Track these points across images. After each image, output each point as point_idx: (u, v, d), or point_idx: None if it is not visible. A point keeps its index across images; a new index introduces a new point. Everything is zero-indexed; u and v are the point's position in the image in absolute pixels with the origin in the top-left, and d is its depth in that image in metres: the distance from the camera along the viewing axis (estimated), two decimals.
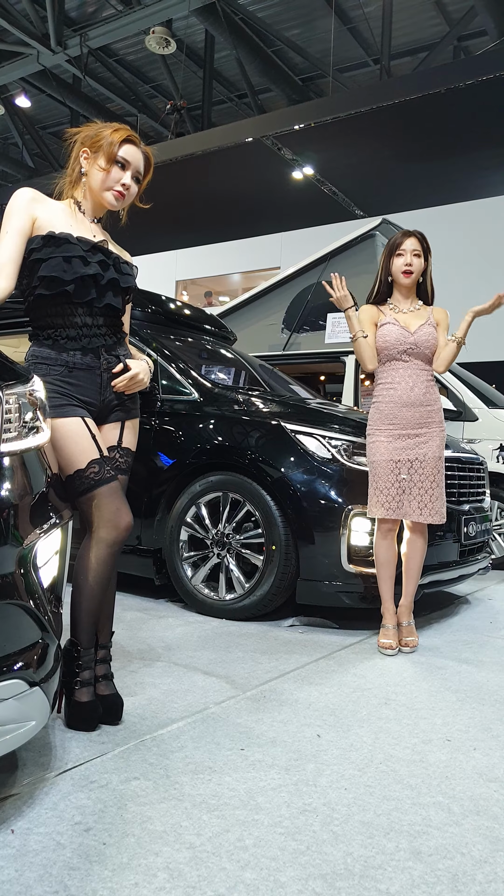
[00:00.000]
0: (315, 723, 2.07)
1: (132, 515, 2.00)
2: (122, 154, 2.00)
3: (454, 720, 2.16)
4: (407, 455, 2.95)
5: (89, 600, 1.95)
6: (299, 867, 1.34)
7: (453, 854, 1.41)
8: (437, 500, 2.94)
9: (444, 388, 5.81)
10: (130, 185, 2.04)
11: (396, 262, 3.04)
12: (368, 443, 3.04)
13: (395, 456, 2.95)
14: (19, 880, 1.25)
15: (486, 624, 3.52)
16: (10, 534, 1.40)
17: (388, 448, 2.96)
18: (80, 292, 1.95)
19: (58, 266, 1.91)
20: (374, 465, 2.98)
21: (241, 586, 3.27)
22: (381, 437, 2.98)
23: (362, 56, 10.52)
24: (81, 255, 1.94)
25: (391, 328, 3.01)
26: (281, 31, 10.10)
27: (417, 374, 3.02)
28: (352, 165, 11.10)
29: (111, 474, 1.96)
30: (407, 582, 3.03)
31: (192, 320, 4.67)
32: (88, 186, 2.03)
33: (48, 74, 10.64)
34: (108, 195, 2.02)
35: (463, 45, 9.96)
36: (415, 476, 2.94)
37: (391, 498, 2.93)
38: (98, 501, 1.92)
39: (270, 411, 3.48)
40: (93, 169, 2.01)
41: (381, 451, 2.97)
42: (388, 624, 2.97)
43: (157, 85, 12.18)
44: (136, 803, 1.54)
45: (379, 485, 2.95)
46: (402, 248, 3.02)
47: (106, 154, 1.98)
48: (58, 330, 1.97)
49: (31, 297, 1.98)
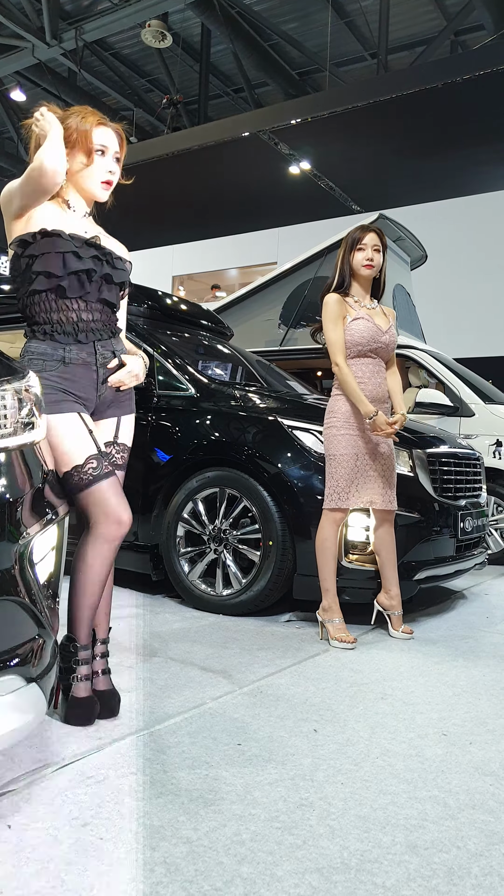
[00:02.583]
0: (312, 718, 2.07)
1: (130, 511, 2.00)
2: (99, 142, 1.97)
3: (450, 715, 2.17)
4: (366, 449, 3.00)
5: (88, 596, 1.95)
6: (296, 861, 1.34)
7: (449, 848, 1.42)
8: (394, 488, 3.07)
9: (440, 384, 5.81)
10: (114, 169, 2.03)
11: (357, 256, 3.06)
12: (334, 435, 3.01)
13: (358, 450, 2.99)
14: (17, 875, 1.25)
15: (483, 619, 3.53)
16: (5, 530, 1.40)
17: (354, 442, 2.99)
18: (74, 287, 1.95)
19: (51, 261, 1.90)
20: (338, 457, 2.98)
21: (237, 582, 3.28)
22: (349, 430, 2.99)
23: (359, 50, 10.50)
24: (74, 250, 1.93)
25: (365, 323, 3.03)
26: (278, 24, 10.06)
27: (381, 371, 3.11)
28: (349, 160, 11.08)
29: (109, 469, 1.96)
30: (393, 570, 3.07)
31: (189, 316, 4.66)
32: (74, 183, 2.02)
33: (43, 68, 10.58)
34: (96, 189, 2.02)
35: (460, 40, 9.94)
36: (377, 466, 3.01)
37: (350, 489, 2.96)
38: (97, 497, 1.92)
39: (267, 407, 3.47)
40: (74, 166, 1.98)
41: (349, 444, 2.98)
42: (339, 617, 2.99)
43: (153, 79, 12.13)
44: (133, 798, 1.54)
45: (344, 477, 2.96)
46: (364, 243, 3.05)
47: (83, 148, 1.96)
48: (53, 325, 1.96)
49: (25, 293, 1.97)
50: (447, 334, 9.91)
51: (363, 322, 3.03)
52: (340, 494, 2.96)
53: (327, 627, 2.94)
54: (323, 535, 2.98)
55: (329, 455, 3.02)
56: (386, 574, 3.09)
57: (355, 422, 3.00)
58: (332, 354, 3.03)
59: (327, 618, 2.97)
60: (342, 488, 2.96)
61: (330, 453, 3.02)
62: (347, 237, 3.10)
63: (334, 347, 3.02)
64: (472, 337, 10.78)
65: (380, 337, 3.06)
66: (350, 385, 2.97)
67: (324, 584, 2.99)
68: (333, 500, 2.96)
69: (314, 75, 11.17)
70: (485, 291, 11.07)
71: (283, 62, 10.68)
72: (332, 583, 2.99)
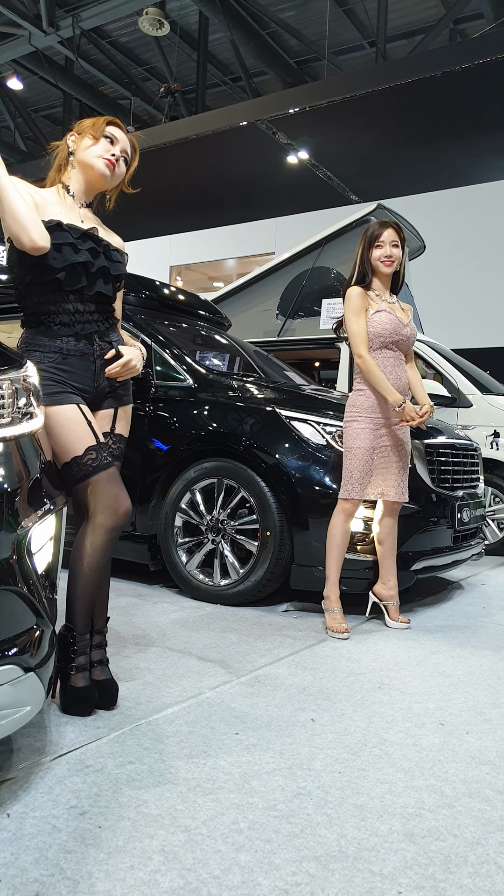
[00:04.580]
0: (309, 707, 2.08)
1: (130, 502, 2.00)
2: (110, 131, 2.06)
3: (447, 704, 2.18)
4: (384, 441, 3.03)
5: (85, 586, 1.95)
6: (293, 849, 1.35)
7: (446, 836, 1.43)
8: (406, 481, 3.10)
9: (438, 375, 5.80)
10: (119, 158, 2.06)
11: (376, 252, 3.07)
12: (354, 428, 3.02)
13: (376, 443, 3.01)
14: (15, 863, 1.25)
15: (480, 609, 3.55)
16: (4, 520, 1.40)
17: (371, 435, 3.00)
18: (71, 280, 1.94)
19: (48, 254, 1.89)
20: (354, 450, 3.00)
21: (235, 572, 3.28)
22: (368, 424, 3.01)
23: (358, 39, 10.42)
24: (72, 242, 1.93)
25: (387, 316, 3.04)
26: (275, 12, 9.98)
27: (402, 364, 3.13)
28: (347, 150, 11.02)
29: (108, 460, 1.96)
30: (392, 561, 3.11)
31: (187, 306, 4.65)
32: (78, 163, 2.04)
33: (40, 56, 10.49)
34: (98, 162, 2.02)
35: (459, 28, 9.87)
36: (394, 458, 3.04)
37: (364, 481, 2.99)
38: (96, 488, 1.92)
39: (265, 397, 3.47)
40: (81, 146, 2.04)
41: (365, 437, 2.99)
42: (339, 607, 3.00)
43: (151, 67, 12.04)
44: (132, 787, 1.55)
45: (358, 469, 2.98)
46: (382, 240, 3.06)
47: (93, 131, 2.04)
48: (50, 316, 1.96)
49: (21, 285, 1.97)
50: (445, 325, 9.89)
51: (385, 315, 3.04)
52: (355, 486, 2.98)
53: (326, 616, 2.96)
54: (332, 524, 3.00)
55: (347, 448, 3.04)
56: (385, 564, 3.11)
57: (376, 416, 3.01)
58: (354, 346, 3.02)
59: (326, 606, 2.99)
60: (357, 480, 2.98)
61: (348, 446, 3.03)
62: (366, 233, 3.11)
63: (357, 339, 3.01)
64: (470, 328, 10.77)
65: (402, 329, 3.07)
66: (376, 374, 2.97)
67: (327, 571, 3.01)
68: (348, 490, 2.98)
69: (312, 64, 11.10)
70: (483, 282, 11.04)
71: (281, 51, 10.61)
72: (335, 572, 3.00)
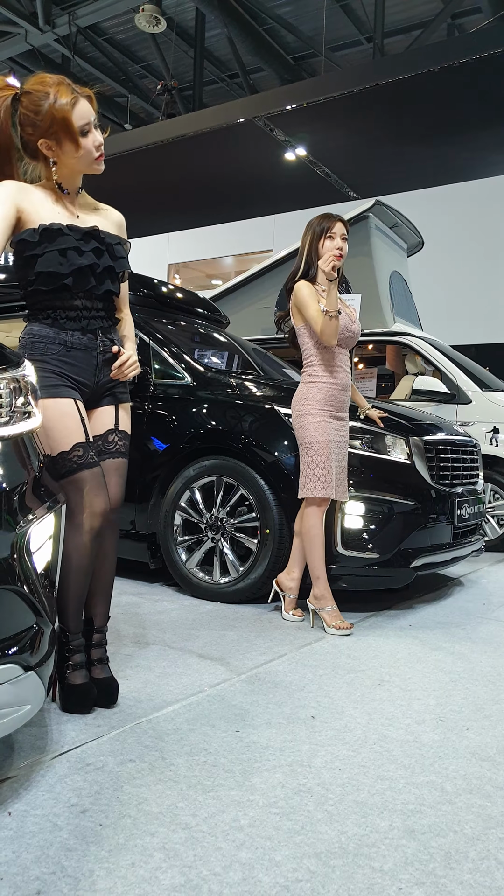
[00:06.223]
0: (309, 704, 2.08)
1: (115, 502, 2.02)
2: (81, 121, 1.87)
3: (447, 701, 2.18)
4: (337, 436, 3.01)
5: (71, 587, 1.95)
6: (294, 846, 1.35)
7: (446, 832, 1.43)
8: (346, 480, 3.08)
9: (437, 371, 5.80)
10: (99, 138, 1.94)
11: (327, 244, 2.99)
12: (311, 422, 2.97)
13: (334, 437, 2.99)
14: (17, 861, 1.26)
15: (480, 606, 3.55)
16: (3, 519, 1.40)
17: (329, 428, 2.98)
18: (79, 283, 1.95)
19: (54, 260, 1.90)
20: (318, 445, 2.95)
21: (235, 570, 3.28)
22: (324, 417, 2.98)
23: (355, 34, 10.38)
24: (75, 245, 1.92)
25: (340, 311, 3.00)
26: (272, 8, 9.95)
27: (348, 359, 3.13)
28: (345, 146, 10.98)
29: (94, 460, 1.96)
30: (303, 557, 3.09)
31: (185, 304, 4.64)
32: (67, 167, 1.96)
33: (37, 54, 10.47)
34: (93, 167, 1.98)
35: (457, 23, 9.83)
36: (340, 456, 3.02)
37: (333, 477, 2.95)
38: (78, 486, 1.92)
39: (264, 395, 3.47)
40: (63, 155, 1.92)
41: (326, 431, 2.96)
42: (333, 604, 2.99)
43: (148, 65, 12.00)
44: (132, 785, 1.55)
45: (327, 464, 2.94)
46: (333, 232, 2.99)
47: (69, 135, 1.87)
48: (57, 311, 1.97)
49: (29, 287, 1.96)
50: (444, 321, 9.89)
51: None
52: (327, 482, 2.92)
53: (322, 615, 2.95)
54: (309, 524, 2.97)
55: (305, 443, 2.97)
56: (296, 556, 3.09)
57: (329, 408, 2.99)
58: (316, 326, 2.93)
59: (320, 606, 2.97)
60: (325, 476, 2.93)
61: (306, 441, 2.97)
62: (314, 226, 3.04)
63: (316, 321, 2.93)
64: (470, 324, 10.77)
65: (350, 326, 3.07)
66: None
67: (315, 572, 2.98)
68: (319, 488, 2.92)
69: (309, 60, 11.06)
70: (482, 278, 11.04)
71: (278, 47, 10.57)
72: (322, 570, 2.99)
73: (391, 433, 3.32)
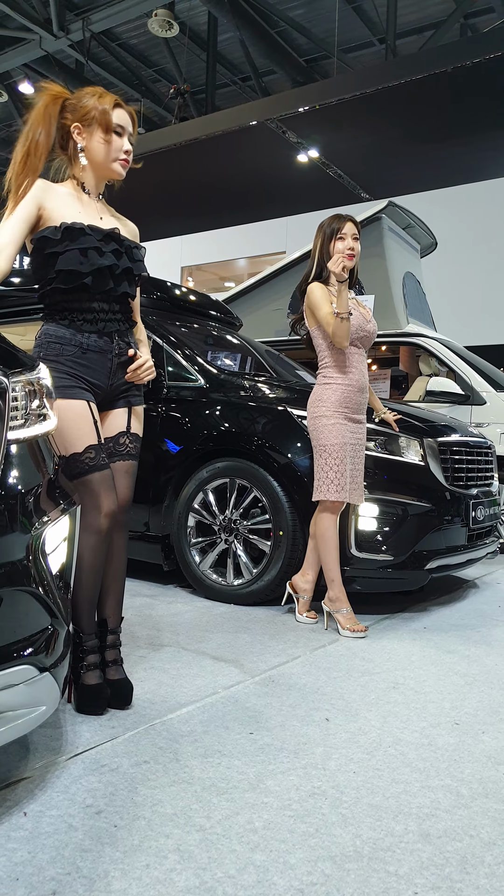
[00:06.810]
0: (323, 707, 2.08)
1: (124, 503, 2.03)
2: (118, 121, 2.00)
3: (462, 704, 2.17)
4: (352, 439, 2.98)
5: (84, 588, 1.96)
6: (308, 849, 1.35)
7: (462, 836, 1.42)
8: (362, 483, 3.05)
9: (451, 372, 5.78)
10: (130, 149, 2.05)
11: (338, 245, 2.99)
12: (325, 424, 2.95)
13: (349, 439, 2.97)
14: (32, 861, 1.26)
15: (495, 608, 3.52)
16: (18, 521, 1.41)
17: (344, 431, 2.96)
18: (98, 284, 1.97)
19: (74, 259, 1.91)
20: (332, 447, 2.93)
21: (248, 572, 3.28)
22: (339, 419, 2.96)
23: (367, 36, 10.38)
24: (96, 245, 1.94)
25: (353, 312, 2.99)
26: (284, 11, 9.97)
27: (364, 360, 3.10)
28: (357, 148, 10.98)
29: (105, 462, 1.98)
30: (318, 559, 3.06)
31: (198, 306, 4.65)
32: (90, 161, 2.02)
33: (51, 60, 10.55)
34: (115, 166, 2.03)
35: (470, 23, 9.80)
36: (356, 459, 3.00)
37: (347, 480, 2.93)
38: (89, 487, 1.94)
39: (277, 397, 3.47)
40: (92, 143, 2.00)
41: (340, 433, 2.94)
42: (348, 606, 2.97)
43: (161, 69, 12.06)
44: (147, 786, 1.55)
45: (341, 467, 2.92)
46: (343, 232, 2.99)
47: (103, 125, 1.98)
48: (74, 313, 1.98)
49: (48, 286, 1.98)
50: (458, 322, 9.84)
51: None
52: (341, 485, 2.91)
53: (337, 617, 2.94)
54: (324, 526, 2.96)
55: (319, 445, 2.97)
56: (310, 558, 3.08)
57: (345, 410, 2.97)
58: (328, 327, 2.92)
59: (335, 608, 2.96)
60: (339, 479, 2.91)
61: (320, 443, 2.96)
62: (325, 227, 3.04)
63: (327, 324, 2.92)
64: (484, 325, 10.70)
65: (365, 325, 3.05)
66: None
67: (330, 574, 2.98)
68: (333, 491, 2.91)
69: (322, 62, 11.06)
70: (496, 279, 10.97)
71: (290, 49, 10.59)
72: (337, 573, 2.98)
73: (405, 435, 3.31)
